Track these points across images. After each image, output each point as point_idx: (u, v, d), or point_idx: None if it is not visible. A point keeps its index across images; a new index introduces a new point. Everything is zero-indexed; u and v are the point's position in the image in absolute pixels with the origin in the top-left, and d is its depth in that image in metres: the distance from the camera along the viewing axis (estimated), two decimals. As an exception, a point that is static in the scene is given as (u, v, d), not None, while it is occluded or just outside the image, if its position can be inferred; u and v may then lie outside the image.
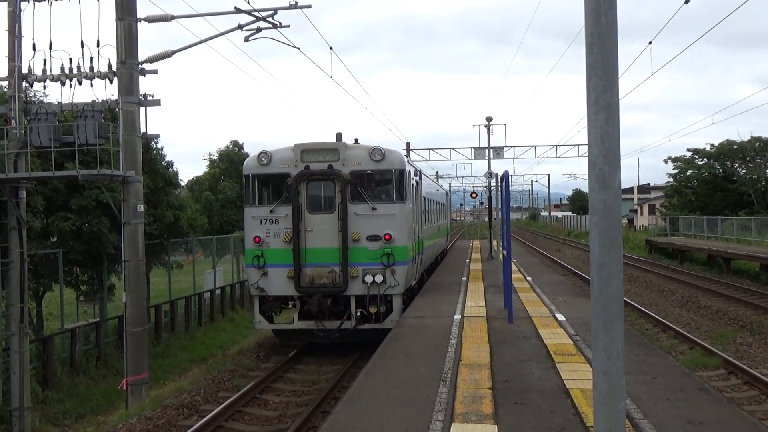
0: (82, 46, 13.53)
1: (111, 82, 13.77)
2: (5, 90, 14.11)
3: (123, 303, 13.70)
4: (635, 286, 25.38)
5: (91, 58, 13.57)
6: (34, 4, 13.72)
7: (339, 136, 14.79)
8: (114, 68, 13.66)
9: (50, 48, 13.59)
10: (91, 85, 13.72)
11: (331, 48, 17.84)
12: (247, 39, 14.45)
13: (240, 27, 14.41)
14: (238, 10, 14.33)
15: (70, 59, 13.63)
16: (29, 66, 13.67)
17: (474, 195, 42.26)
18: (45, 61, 13.59)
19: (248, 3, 14.16)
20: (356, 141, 15.53)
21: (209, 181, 27.35)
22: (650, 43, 18.83)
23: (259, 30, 14.45)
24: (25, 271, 13.47)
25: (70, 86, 13.69)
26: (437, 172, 71.72)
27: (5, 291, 13.32)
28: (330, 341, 13.99)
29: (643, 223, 64.39)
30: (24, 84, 13.75)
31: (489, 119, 30.32)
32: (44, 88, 14.62)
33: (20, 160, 13.50)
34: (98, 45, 13.49)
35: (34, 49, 13.56)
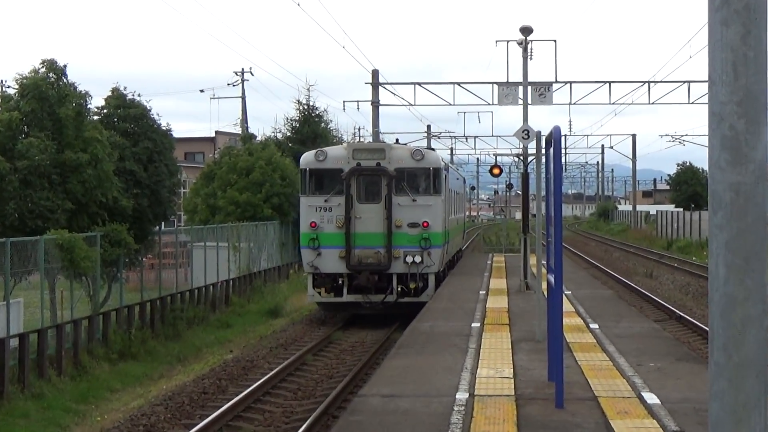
0: None
1: None
2: None
3: None
4: (787, 343, 25.82)
5: None
6: None
7: (377, 134, 37.13)
8: None
9: None
10: None
11: None
12: None
13: None
14: None
15: None
16: None
17: (497, 171, 42.07)
18: None
19: None
20: (397, 141, 37.86)
21: (1, 134, 27.10)
22: None
23: None
24: None
25: None
26: (428, 127, 71.92)
27: None
28: (375, 312, 29.07)
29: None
30: None
31: (526, 32, 30.46)
32: None
33: None
34: None
35: None
